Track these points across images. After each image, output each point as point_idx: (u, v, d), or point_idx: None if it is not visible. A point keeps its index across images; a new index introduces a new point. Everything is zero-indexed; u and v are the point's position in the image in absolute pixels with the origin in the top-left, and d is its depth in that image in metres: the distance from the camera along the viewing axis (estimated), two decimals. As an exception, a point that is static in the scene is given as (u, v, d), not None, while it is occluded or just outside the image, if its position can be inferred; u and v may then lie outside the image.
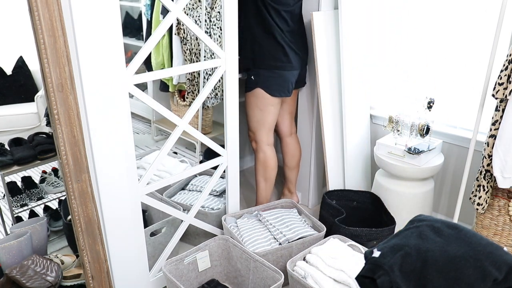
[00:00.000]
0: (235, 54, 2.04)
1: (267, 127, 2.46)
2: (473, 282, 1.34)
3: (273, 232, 2.20)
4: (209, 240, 2.12)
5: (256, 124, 2.46)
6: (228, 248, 2.14)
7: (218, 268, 2.18)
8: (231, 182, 2.30)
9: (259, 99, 2.38)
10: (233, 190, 2.33)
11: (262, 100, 2.38)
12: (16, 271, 1.78)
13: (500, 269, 1.36)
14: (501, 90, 1.88)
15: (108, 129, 1.65)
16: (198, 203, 2.18)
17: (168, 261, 1.98)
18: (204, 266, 2.11)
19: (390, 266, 1.40)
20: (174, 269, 2.00)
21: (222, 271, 2.20)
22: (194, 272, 2.09)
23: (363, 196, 2.61)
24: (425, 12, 2.52)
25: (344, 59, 2.49)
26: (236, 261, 2.10)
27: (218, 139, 2.96)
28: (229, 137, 2.18)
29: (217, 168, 2.21)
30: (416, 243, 1.45)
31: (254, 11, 2.28)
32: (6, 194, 2.05)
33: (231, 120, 2.14)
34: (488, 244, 1.43)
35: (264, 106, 2.39)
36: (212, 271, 2.16)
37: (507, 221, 2.10)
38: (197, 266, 2.08)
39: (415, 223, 1.59)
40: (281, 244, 2.12)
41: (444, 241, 1.43)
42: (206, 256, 2.10)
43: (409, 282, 1.38)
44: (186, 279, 2.06)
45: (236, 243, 2.08)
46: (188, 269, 2.06)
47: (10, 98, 2.11)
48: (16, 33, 1.90)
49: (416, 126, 2.39)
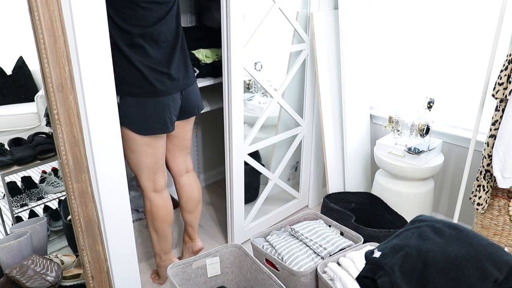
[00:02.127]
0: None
1: (148, 172, 1.96)
2: (474, 282, 1.34)
3: (312, 246, 2.06)
4: (221, 246, 2.04)
5: (134, 167, 1.96)
6: (240, 257, 2.05)
7: (230, 276, 2.10)
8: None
9: (126, 140, 1.85)
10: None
11: (130, 141, 1.86)
12: (16, 271, 1.77)
13: (501, 269, 1.36)
14: (501, 90, 1.88)
15: (108, 129, 1.65)
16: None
17: (175, 264, 1.92)
18: (213, 273, 2.04)
19: (390, 266, 1.40)
20: (181, 272, 1.94)
21: (233, 279, 2.11)
22: (203, 277, 2.02)
23: (361, 197, 2.61)
24: (425, 12, 2.52)
25: (344, 59, 2.49)
26: (247, 270, 2.02)
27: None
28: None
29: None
30: (416, 243, 1.45)
31: (108, 14, 1.63)
32: (6, 194, 2.04)
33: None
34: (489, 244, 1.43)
35: (135, 147, 1.88)
36: (222, 278, 2.08)
37: (507, 221, 2.10)
38: (206, 271, 2.02)
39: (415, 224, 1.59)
40: (323, 258, 2.00)
41: (445, 241, 1.43)
42: (217, 263, 2.02)
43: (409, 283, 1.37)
44: (194, 283, 2.00)
45: (248, 253, 1.99)
46: (196, 274, 1.99)
47: (10, 98, 2.11)
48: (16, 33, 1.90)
49: (416, 126, 2.39)
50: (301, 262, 1.97)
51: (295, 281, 1.86)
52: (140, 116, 1.81)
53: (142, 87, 1.78)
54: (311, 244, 2.07)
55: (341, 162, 2.73)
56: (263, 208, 2.65)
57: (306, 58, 2.55)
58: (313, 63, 2.56)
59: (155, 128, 1.86)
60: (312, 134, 2.75)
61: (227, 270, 2.08)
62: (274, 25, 2.53)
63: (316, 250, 2.04)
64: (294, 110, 2.59)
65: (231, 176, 2.32)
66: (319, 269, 1.87)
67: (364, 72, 2.66)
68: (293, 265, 1.96)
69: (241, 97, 2.20)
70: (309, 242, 2.08)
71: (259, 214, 2.64)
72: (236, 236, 2.48)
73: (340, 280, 1.78)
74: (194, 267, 1.98)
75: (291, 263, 1.96)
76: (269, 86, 2.43)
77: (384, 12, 2.69)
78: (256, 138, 2.43)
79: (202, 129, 3.05)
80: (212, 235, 2.62)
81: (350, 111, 2.60)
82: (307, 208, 2.95)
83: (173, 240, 2.44)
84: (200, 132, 3.06)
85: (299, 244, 2.09)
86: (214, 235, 2.62)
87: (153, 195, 2.02)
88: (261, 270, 1.89)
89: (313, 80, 2.62)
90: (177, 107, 1.91)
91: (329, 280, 1.81)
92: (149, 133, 1.86)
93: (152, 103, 1.81)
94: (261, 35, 2.32)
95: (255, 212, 2.58)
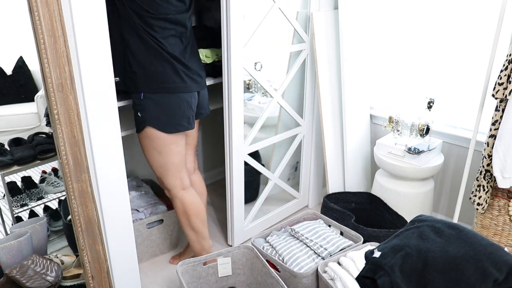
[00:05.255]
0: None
1: (175, 170, 1.95)
2: (474, 282, 1.34)
3: (312, 246, 2.06)
4: (234, 247, 2.05)
5: (160, 169, 1.95)
6: (251, 259, 2.05)
7: (241, 277, 2.09)
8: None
9: (152, 140, 1.85)
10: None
11: (156, 141, 1.85)
12: (16, 271, 1.77)
13: (501, 269, 1.36)
14: (501, 90, 1.88)
15: (108, 129, 1.65)
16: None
17: (185, 261, 1.93)
18: (224, 273, 2.03)
19: (390, 266, 1.40)
20: (191, 270, 1.93)
21: (245, 281, 2.10)
22: (214, 276, 2.01)
23: (361, 197, 2.62)
24: (425, 12, 2.52)
25: (344, 59, 2.49)
26: (258, 274, 2.01)
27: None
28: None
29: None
30: (416, 243, 1.45)
31: (124, 17, 1.74)
32: (6, 194, 2.04)
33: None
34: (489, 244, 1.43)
35: (162, 147, 1.87)
36: (233, 279, 2.08)
37: (507, 221, 2.10)
38: (217, 271, 2.02)
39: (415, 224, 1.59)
40: (324, 258, 2.00)
41: (445, 241, 1.43)
42: (228, 263, 2.02)
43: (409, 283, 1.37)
44: (205, 281, 2.00)
45: (259, 255, 1.98)
46: (207, 272, 1.99)
47: (10, 98, 2.11)
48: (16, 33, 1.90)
49: (416, 126, 2.39)
50: (302, 263, 1.97)
51: (297, 282, 1.86)
52: (166, 114, 1.80)
53: (170, 83, 1.79)
54: (311, 245, 2.06)
55: (341, 162, 2.73)
56: (263, 208, 2.65)
57: (306, 58, 2.55)
58: (313, 63, 2.56)
59: (182, 125, 1.85)
60: (312, 134, 2.75)
61: (239, 271, 2.07)
62: (274, 25, 2.53)
63: (316, 250, 2.04)
64: (294, 110, 2.59)
65: (231, 176, 2.32)
66: (319, 269, 1.87)
67: (364, 72, 2.66)
68: (294, 266, 1.95)
69: (241, 97, 2.20)
70: (309, 242, 2.08)
71: (259, 214, 2.64)
72: (236, 236, 2.48)
73: (341, 280, 1.78)
74: (205, 266, 1.97)
75: (291, 264, 1.96)
76: (269, 86, 2.43)
77: (384, 12, 2.69)
78: (256, 138, 2.43)
79: (202, 129, 3.05)
80: (212, 235, 2.61)
81: (350, 111, 2.60)
82: (307, 208, 2.95)
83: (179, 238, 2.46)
84: (200, 132, 3.06)
85: (300, 245, 2.09)
86: (214, 235, 2.62)
87: (183, 193, 2.02)
88: (270, 274, 1.88)
89: (313, 80, 2.62)
90: (195, 105, 1.93)
91: (330, 280, 1.81)
92: (177, 130, 1.84)
93: (176, 100, 1.81)
94: (261, 35, 2.32)
95: (255, 212, 2.58)
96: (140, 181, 2.59)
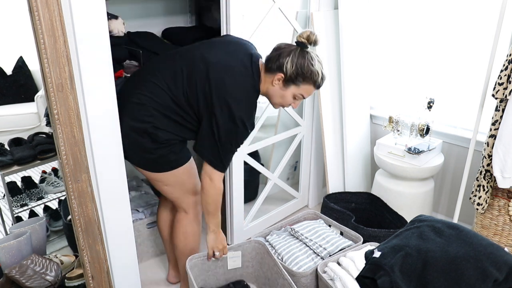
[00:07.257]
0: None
1: (193, 188, 1.93)
2: (474, 282, 1.34)
3: (311, 246, 2.06)
4: (245, 241, 2.07)
5: (181, 196, 1.93)
6: (262, 254, 2.06)
7: (250, 269, 2.11)
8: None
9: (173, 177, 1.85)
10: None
11: (175, 178, 1.86)
12: (15, 271, 1.77)
13: (501, 269, 1.37)
14: (501, 90, 1.88)
15: (108, 129, 1.65)
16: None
17: (195, 256, 1.94)
18: (234, 265, 2.05)
19: (390, 266, 1.40)
20: (200, 263, 1.96)
21: (253, 273, 2.12)
22: (222, 268, 2.05)
23: (361, 197, 2.61)
24: (425, 12, 2.52)
25: (344, 59, 2.49)
26: (267, 270, 2.02)
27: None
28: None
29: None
30: (416, 243, 1.45)
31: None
32: (6, 194, 2.04)
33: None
34: (489, 244, 1.43)
35: (181, 179, 1.88)
36: (242, 271, 2.10)
37: (507, 221, 2.10)
38: (226, 263, 2.04)
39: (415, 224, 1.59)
40: (323, 258, 2.00)
41: (445, 241, 1.43)
42: (238, 257, 2.04)
43: (409, 283, 1.38)
44: (213, 273, 2.03)
45: (270, 253, 1.99)
46: (216, 265, 2.02)
47: (10, 98, 2.11)
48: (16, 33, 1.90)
49: (416, 126, 2.39)
50: (301, 263, 1.97)
51: (295, 282, 1.87)
52: (178, 149, 1.82)
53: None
54: (311, 244, 2.06)
55: (341, 162, 2.73)
56: (263, 208, 2.65)
57: (306, 58, 2.54)
58: (313, 63, 2.56)
59: (189, 151, 1.88)
60: (312, 134, 2.75)
61: (248, 264, 2.10)
62: (273, 25, 2.52)
63: (316, 250, 2.04)
64: (294, 110, 2.59)
65: (231, 176, 2.32)
66: (319, 269, 1.87)
67: (364, 72, 2.66)
68: (293, 265, 1.96)
69: (241, 97, 2.19)
70: (309, 242, 2.08)
71: (259, 213, 2.64)
72: (235, 236, 2.48)
73: (340, 280, 1.78)
74: (214, 258, 1.98)
75: (291, 264, 1.96)
76: (269, 86, 2.42)
77: (384, 12, 2.69)
78: (256, 137, 2.42)
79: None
80: (212, 235, 2.61)
81: (350, 111, 2.60)
82: (306, 208, 2.95)
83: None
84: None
85: (299, 244, 2.09)
86: (214, 235, 2.61)
87: (198, 198, 1.94)
88: (282, 275, 1.87)
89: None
90: None
91: (329, 280, 1.81)
92: (189, 158, 1.87)
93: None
94: (261, 35, 2.32)
95: (255, 211, 2.58)
96: (140, 181, 2.59)
